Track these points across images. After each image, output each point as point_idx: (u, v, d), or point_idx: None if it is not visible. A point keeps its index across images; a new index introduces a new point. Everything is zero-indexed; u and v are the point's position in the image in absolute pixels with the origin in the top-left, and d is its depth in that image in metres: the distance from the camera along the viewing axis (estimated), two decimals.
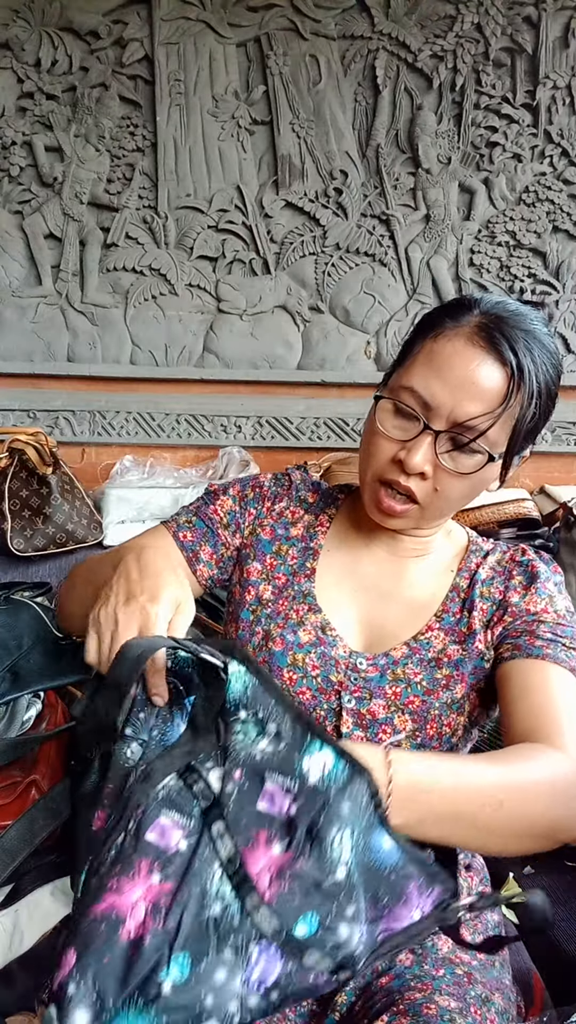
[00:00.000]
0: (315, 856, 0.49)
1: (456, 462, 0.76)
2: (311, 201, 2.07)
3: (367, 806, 0.52)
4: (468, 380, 0.73)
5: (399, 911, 0.51)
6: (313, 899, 0.49)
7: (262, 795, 0.52)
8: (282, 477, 0.96)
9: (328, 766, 0.53)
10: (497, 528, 1.73)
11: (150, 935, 0.47)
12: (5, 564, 1.70)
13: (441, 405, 0.74)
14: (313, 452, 2.12)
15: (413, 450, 0.75)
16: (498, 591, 0.85)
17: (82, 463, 2.09)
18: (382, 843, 0.52)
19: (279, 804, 0.52)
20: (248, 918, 0.48)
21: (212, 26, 1.97)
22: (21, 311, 2.08)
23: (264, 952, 0.48)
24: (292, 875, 0.49)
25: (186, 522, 0.91)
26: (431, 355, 0.76)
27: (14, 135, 1.98)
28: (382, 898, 0.51)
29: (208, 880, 0.50)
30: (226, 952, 0.47)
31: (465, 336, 0.74)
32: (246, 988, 0.47)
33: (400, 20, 1.98)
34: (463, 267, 2.13)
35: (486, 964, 0.81)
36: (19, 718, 1.12)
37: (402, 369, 0.79)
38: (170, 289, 2.10)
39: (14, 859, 0.95)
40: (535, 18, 1.99)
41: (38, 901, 0.96)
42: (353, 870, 0.50)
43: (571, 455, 2.18)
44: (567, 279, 2.15)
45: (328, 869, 0.49)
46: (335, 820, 0.50)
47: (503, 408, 0.74)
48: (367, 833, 0.51)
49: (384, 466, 0.78)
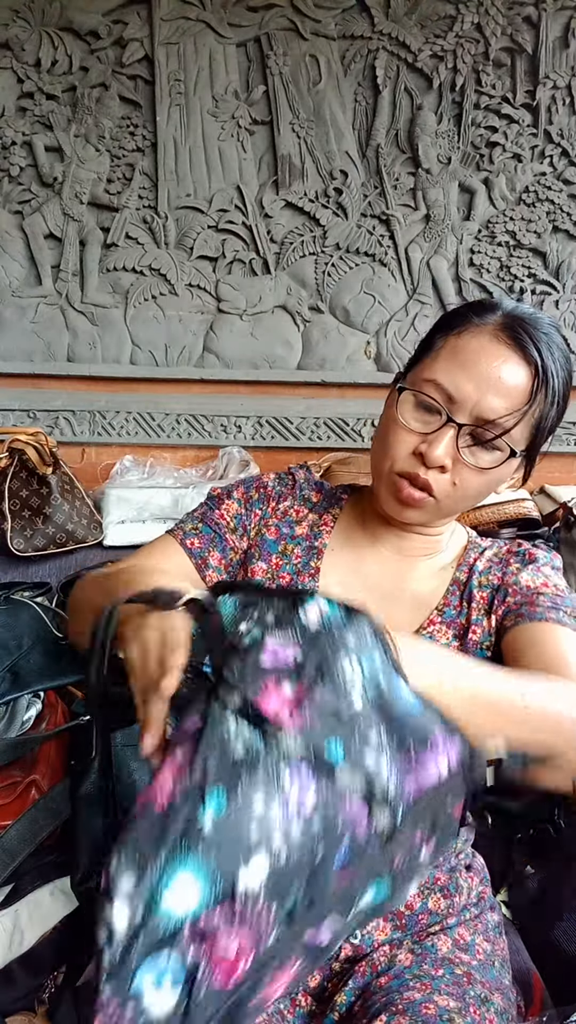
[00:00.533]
0: (328, 685, 0.50)
1: (476, 457, 0.77)
2: (311, 201, 2.07)
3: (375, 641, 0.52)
4: (494, 375, 0.74)
5: (426, 759, 0.51)
6: (334, 726, 0.49)
7: (263, 652, 0.52)
8: (286, 476, 0.97)
9: (325, 611, 0.53)
10: (497, 528, 1.73)
11: (179, 792, 0.47)
12: (5, 564, 1.70)
13: (466, 399, 0.75)
14: (313, 452, 2.11)
15: (435, 443, 0.76)
16: (496, 577, 0.86)
17: (82, 463, 2.09)
18: (402, 690, 0.52)
19: (283, 656, 0.52)
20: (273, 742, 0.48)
21: (212, 26, 1.97)
22: (21, 311, 2.08)
23: (295, 773, 0.47)
24: (309, 705, 0.49)
25: (192, 529, 0.91)
26: (456, 350, 0.76)
27: (14, 135, 1.98)
28: (408, 744, 0.51)
29: (225, 730, 0.49)
30: (259, 776, 0.47)
31: (490, 333, 0.76)
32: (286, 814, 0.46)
33: (400, 20, 1.98)
34: (463, 267, 2.13)
35: (485, 964, 0.81)
36: (19, 718, 1.12)
37: (423, 363, 0.80)
38: (170, 289, 2.10)
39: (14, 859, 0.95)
40: (535, 18, 1.99)
41: (38, 901, 0.96)
42: (369, 698, 0.50)
43: (571, 455, 2.18)
44: (567, 279, 2.15)
45: (343, 694, 0.49)
46: (341, 649, 0.51)
47: (527, 407, 0.75)
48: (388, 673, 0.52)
49: (404, 459, 0.79)
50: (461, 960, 0.79)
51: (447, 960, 0.78)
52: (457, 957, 0.79)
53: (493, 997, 0.75)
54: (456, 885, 0.86)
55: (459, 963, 0.78)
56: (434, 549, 0.89)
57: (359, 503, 0.94)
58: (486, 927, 0.87)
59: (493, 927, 0.88)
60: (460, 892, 0.86)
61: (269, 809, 0.46)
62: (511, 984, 0.84)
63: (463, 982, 0.75)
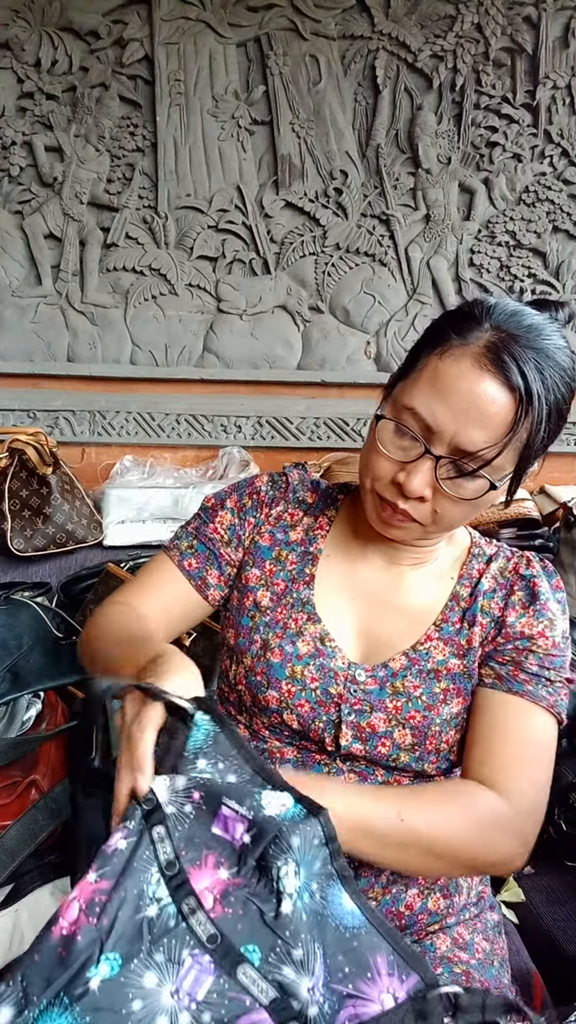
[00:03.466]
0: (262, 885, 0.48)
1: (457, 487, 0.73)
2: (311, 201, 2.07)
3: (319, 848, 0.49)
4: (473, 406, 0.69)
5: (365, 988, 0.46)
6: (256, 930, 0.46)
7: (217, 818, 0.51)
8: (279, 479, 0.94)
9: (288, 805, 0.52)
10: (497, 528, 1.73)
11: (82, 933, 0.46)
12: (5, 564, 1.70)
13: (443, 430, 0.71)
14: (313, 452, 2.12)
15: (412, 474, 0.72)
16: (497, 607, 0.83)
17: (82, 463, 2.09)
18: (341, 899, 0.49)
19: (232, 831, 0.51)
20: (184, 922, 0.46)
21: (212, 26, 1.97)
22: (21, 311, 2.08)
23: (197, 960, 0.45)
24: (237, 899, 0.47)
25: (188, 548, 0.89)
26: (435, 375, 0.72)
27: (14, 135, 1.98)
28: (343, 965, 0.46)
29: (145, 882, 0.48)
30: (158, 955, 0.45)
31: (472, 357, 0.70)
32: (177, 1000, 0.45)
33: (400, 20, 1.98)
34: (463, 267, 2.13)
35: (484, 963, 0.81)
36: (19, 718, 1.12)
37: (405, 384, 0.75)
38: (170, 289, 2.10)
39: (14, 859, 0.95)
40: (535, 18, 1.99)
41: (38, 901, 0.96)
42: (300, 908, 0.47)
43: (571, 455, 2.18)
44: (567, 279, 2.15)
45: (274, 900, 0.47)
46: (284, 851, 0.48)
47: (509, 437, 0.70)
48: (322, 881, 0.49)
49: (383, 486, 0.76)
50: (459, 959, 0.79)
51: (445, 959, 0.78)
52: (456, 956, 0.79)
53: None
54: (456, 885, 0.86)
55: (457, 962, 0.78)
56: (425, 559, 0.86)
57: (353, 504, 0.91)
58: (485, 926, 0.87)
59: (492, 927, 0.88)
60: (460, 892, 0.86)
61: (160, 989, 0.45)
62: (510, 983, 0.84)
63: (461, 981, 0.75)
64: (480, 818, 0.70)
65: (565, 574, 1.74)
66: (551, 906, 1.17)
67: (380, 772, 0.81)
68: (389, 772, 0.81)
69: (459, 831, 0.69)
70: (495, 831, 0.71)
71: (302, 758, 0.82)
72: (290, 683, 0.80)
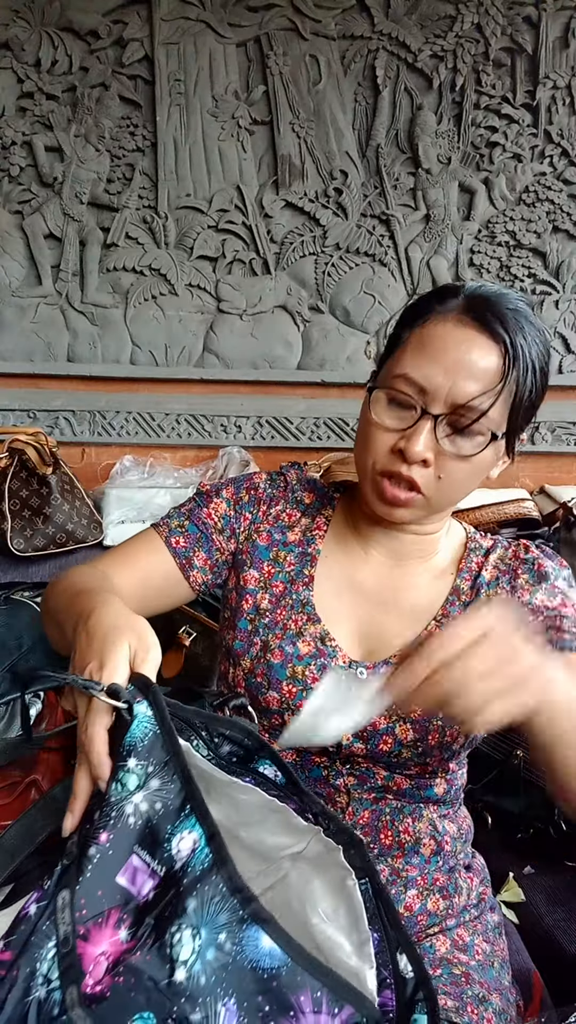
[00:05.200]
0: (155, 950, 0.45)
1: (458, 445, 0.75)
2: (311, 201, 2.07)
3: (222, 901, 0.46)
4: (463, 360, 0.72)
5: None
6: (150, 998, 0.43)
7: (125, 868, 0.48)
8: (277, 477, 0.93)
9: (197, 847, 0.48)
10: (497, 528, 1.73)
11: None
12: (5, 564, 1.70)
13: (438, 388, 0.73)
14: (313, 452, 2.12)
15: (413, 437, 0.74)
16: (504, 591, 0.83)
17: (82, 463, 2.09)
18: (259, 942, 0.45)
19: (139, 885, 0.48)
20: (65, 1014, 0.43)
21: (212, 26, 1.97)
22: (21, 311, 2.08)
23: None
24: (128, 968, 0.44)
25: (178, 526, 0.88)
26: (421, 340, 0.75)
27: (14, 135, 1.98)
28: (263, 1005, 0.43)
29: (40, 959, 0.46)
30: None
31: (454, 318, 0.74)
32: None
33: (400, 20, 1.98)
34: (463, 267, 2.13)
35: (484, 964, 0.81)
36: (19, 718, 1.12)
37: (392, 360, 0.78)
38: (170, 289, 2.10)
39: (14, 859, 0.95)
40: (535, 18, 1.99)
41: None
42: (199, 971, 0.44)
43: (571, 455, 2.18)
44: (567, 279, 2.15)
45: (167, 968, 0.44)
46: (178, 915, 0.45)
47: (502, 385, 0.73)
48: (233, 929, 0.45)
49: (385, 458, 0.76)
50: (459, 960, 0.79)
51: (445, 960, 0.78)
52: (455, 957, 0.79)
53: (491, 997, 0.75)
54: (455, 886, 0.86)
55: (457, 963, 0.78)
56: (429, 550, 0.86)
57: (351, 503, 0.91)
58: (485, 928, 0.87)
59: (493, 928, 0.88)
60: (459, 893, 0.86)
61: None
62: (510, 984, 0.84)
63: (461, 982, 0.75)
64: None
65: None
66: (551, 906, 1.17)
67: (381, 772, 0.81)
68: (391, 771, 0.81)
69: None
70: None
71: (301, 760, 0.82)
72: (291, 684, 0.80)
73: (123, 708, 0.52)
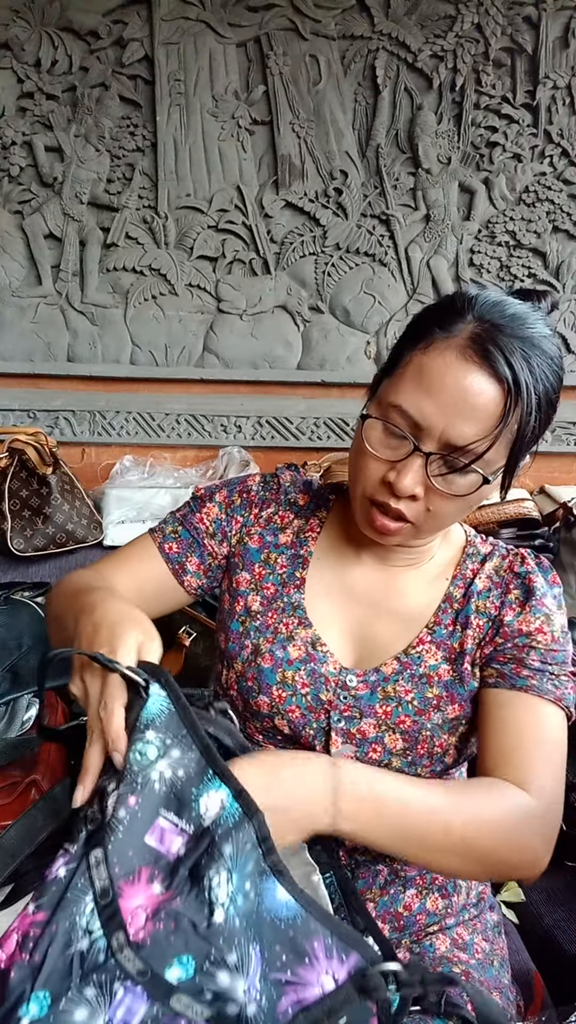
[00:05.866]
0: (193, 896, 0.48)
1: (449, 484, 0.71)
2: (311, 201, 2.07)
3: (252, 850, 0.49)
4: (461, 399, 0.68)
5: (304, 974, 0.47)
6: (189, 941, 0.46)
7: (152, 829, 0.51)
8: (271, 480, 0.92)
9: (225, 805, 0.51)
10: (497, 528, 1.73)
11: (15, 969, 0.46)
12: (5, 564, 1.70)
13: (432, 426, 0.69)
14: (313, 452, 2.12)
15: (403, 472, 0.71)
16: (493, 606, 0.81)
17: (82, 463, 2.09)
18: (275, 893, 0.49)
19: (168, 844, 0.50)
20: (113, 957, 0.46)
21: (212, 26, 1.97)
22: (21, 311, 2.08)
23: (129, 992, 0.45)
24: (168, 914, 0.47)
25: (172, 532, 0.89)
26: (420, 370, 0.70)
27: (14, 135, 1.98)
28: (280, 955, 0.47)
29: (79, 913, 0.48)
30: (88, 990, 0.45)
31: (457, 349, 0.68)
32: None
33: (400, 20, 1.98)
34: (463, 267, 2.13)
35: (484, 963, 0.81)
36: (19, 718, 1.12)
37: (390, 381, 0.74)
38: (170, 289, 2.10)
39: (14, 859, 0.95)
40: (535, 18, 1.99)
41: None
42: (233, 914, 0.47)
43: (571, 455, 2.18)
44: (567, 279, 2.15)
45: (206, 910, 0.47)
46: (215, 860, 0.48)
47: (500, 428, 0.68)
48: (255, 879, 0.49)
49: (374, 487, 0.74)
50: (459, 959, 0.79)
51: (445, 959, 0.78)
52: (455, 956, 0.79)
53: (491, 996, 0.75)
54: (455, 885, 0.86)
55: (457, 962, 0.78)
56: (423, 558, 0.84)
57: (346, 505, 0.89)
58: (485, 927, 0.87)
59: (492, 927, 0.88)
60: (459, 892, 0.86)
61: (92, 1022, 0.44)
62: (510, 983, 0.84)
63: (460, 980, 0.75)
64: (511, 815, 0.68)
65: (565, 574, 1.74)
66: (551, 906, 1.17)
67: None
68: None
69: (493, 834, 0.67)
70: (524, 829, 0.68)
71: None
72: (281, 688, 0.79)
73: (142, 685, 0.56)
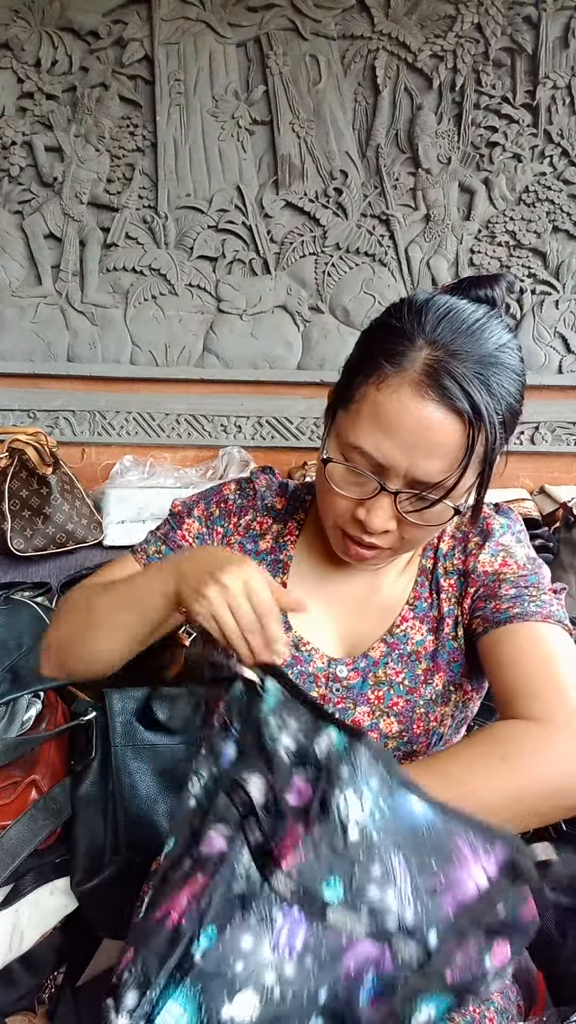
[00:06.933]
0: (327, 823, 0.50)
1: (421, 515, 0.70)
2: (311, 201, 2.07)
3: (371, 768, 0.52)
4: (421, 438, 0.65)
5: (457, 875, 0.49)
6: (333, 863, 0.49)
7: (291, 789, 0.54)
8: (247, 486, 0.91)
9: (333, 740, 0.54)
10: None
11: (186, 918, 0.50)
12: (5, 564, 1.70)
13: (395, 465, 0.67)
14: (313, 452, 2.12)
15: (372, 511, 0.70)
16: (460, 561, 0.81)
17: (82, 463, 2.09)
18: (409, 804, 0.51)
19: (304, 795, 0.54)
20: (266, 883, 0.50)
21: (212, 26, 1.97)
22: (21, 311, 2.08)
23: (287, 916, 0.49)
24: (307, 844, 0.50)
25: (156, 552, 0.87)
26: (376, 409, 0.67)
27: (14, 135, 1.98)
28: (430, 864, 0.49)
29: (237, 862, 0.52)
30: (251, 918, 0.49)
31: (411, 386, 0.65)
32: (277, 955, 0.48)
33: (400, 20, 1.98)
34: (463, 267, 2.13)
35: None
36: (19, 718, 1.12)
37: (347, 417, 0.71)
38: (170, 289, 2.10)
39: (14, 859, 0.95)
40: (535, 18, 1.99)
41: (38, 901, 0.96)
42: (371, 830, 0.50)
43: (571, 455, 2.18)
44: (567, 279, 2.15)
45: (340, 831, 0.50)
46: (336, 783, 0.51)
47: (466, 459, 0.67)
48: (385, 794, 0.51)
49: (344, 522, 0.73)
50: None
51: None
52: None
53: (493, 996, 0.75)
54: None
55: None
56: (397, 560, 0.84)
57: None
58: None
59: None
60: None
61: (259, 948, 0.48)
62: (511, 983, 0.84)
63: None
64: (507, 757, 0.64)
65: (565, 574, 1.74)
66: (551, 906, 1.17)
67: None
68: None
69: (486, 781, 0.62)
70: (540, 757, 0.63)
71: None
72: None
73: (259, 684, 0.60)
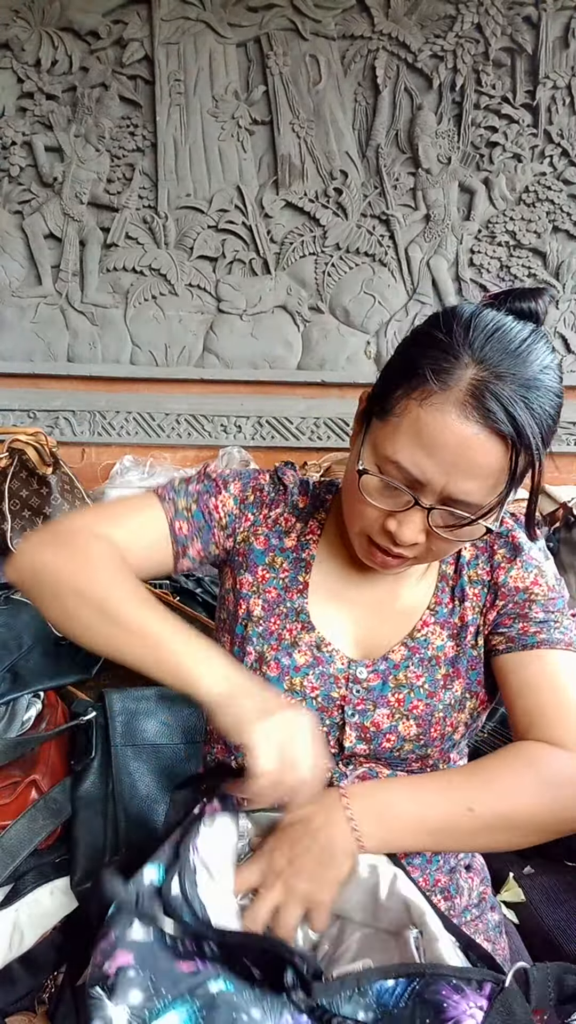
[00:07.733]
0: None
1: (452, 531, 0.70)
2: (311, 201, 2.07)
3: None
4: (462, 458, 0.65)
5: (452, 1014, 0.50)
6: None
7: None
8: (278, 480, 0.91)
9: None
10: None
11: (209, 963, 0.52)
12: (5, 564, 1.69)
13: (432, 483, 0.67)
14: (313, 452, 2.12)
15: (404, 524, 0.70)
16: (485, 572, 0.82)
17: (82, 463, 2.09)
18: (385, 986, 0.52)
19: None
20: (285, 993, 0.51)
21: (212, 26, 1.97)
22: (21, 311, 2.08)
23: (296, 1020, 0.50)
24: None
25: (185, 509, 0.84)
26: (417, 425, 0.66)
27: (14, 135, 1.98)
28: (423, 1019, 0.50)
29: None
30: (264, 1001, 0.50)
31: (456, 406, 0.65)
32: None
33: (400, 20, 1.98)
34: (463, 267, 2.13)
35: None
36: (19, 718, 1.12)
37: (384, 428, 0.70)
38: (170, 289, 2.10)
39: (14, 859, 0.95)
40: (535, 18, 1.99)
41: (38, 901, 0.96)
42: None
43: (571, 455, 2.18)
44: (567, 279, 2.15)
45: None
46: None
47: (508, 482, 0.68)
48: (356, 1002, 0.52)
49: (374, 532, 0.73)
50: None
51: None
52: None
53: None
54: (456, 886, 0.86)
55: None
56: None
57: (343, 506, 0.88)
58: (487, 927, 0.87)
59: (494, 927, 0.88)
60: (460, 893, 0.86)
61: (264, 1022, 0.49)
62: None
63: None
64: (548, 780, 0.69)
65: (565, 574, 1.74)
66: (551, 906, 1.17)
67: (383, 771, 0.81)
68: (392, 768, 0.81)
69: (529, 801, 0.68)
70: (567, 787, 0.69)
71: None
72: (289, 695, 0.79)
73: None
